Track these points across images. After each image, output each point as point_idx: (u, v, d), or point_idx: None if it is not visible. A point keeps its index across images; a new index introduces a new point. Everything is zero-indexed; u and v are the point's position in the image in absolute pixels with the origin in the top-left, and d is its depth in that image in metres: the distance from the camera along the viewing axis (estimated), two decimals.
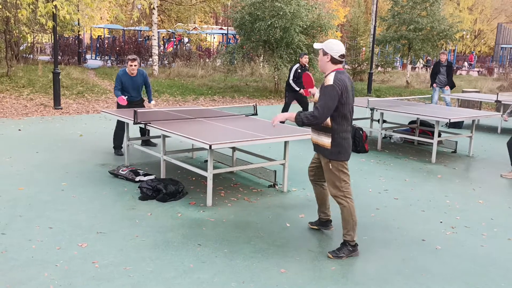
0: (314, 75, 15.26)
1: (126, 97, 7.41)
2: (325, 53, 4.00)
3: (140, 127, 7.61)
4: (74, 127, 9.66)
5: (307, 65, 10.81)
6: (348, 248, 4.11)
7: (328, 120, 4.01)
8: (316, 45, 4.12)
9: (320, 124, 4.03)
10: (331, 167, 4.09)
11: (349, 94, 4.00)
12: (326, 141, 4.06)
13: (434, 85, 12.41)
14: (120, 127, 7.52)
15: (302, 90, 10.43)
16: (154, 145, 8.09)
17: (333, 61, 4.00)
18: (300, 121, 3.99)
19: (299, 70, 10.55)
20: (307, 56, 10.69)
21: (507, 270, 4.00)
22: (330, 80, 3.93)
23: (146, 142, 8.08)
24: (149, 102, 7.88)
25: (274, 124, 4.25)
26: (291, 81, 10.49)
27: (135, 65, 7.38)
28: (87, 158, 7.22)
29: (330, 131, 4.04)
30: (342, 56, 4.01)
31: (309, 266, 3.91)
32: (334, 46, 3.99)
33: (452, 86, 12.40)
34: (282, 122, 4.39)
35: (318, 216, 4.69)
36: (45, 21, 10.19)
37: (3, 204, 5.07)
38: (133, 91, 7.57)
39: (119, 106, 7.49)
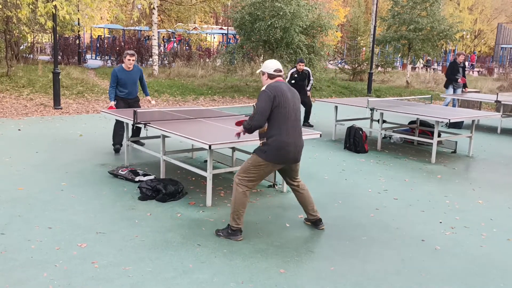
0: (314, 74, 15.27)
1: (123, 94, 7.55)
2: (263, 73, 4.43)
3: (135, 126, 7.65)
4: (74, 127, 9.66)
5: (306, 69, 10.96)
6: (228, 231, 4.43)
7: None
8: (258, 71, 4.64)
9: (257, 128, 4.31)
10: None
11: (282, 99, 4.26)
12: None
13: (461, 79, 12.30)
14: (119, 126, 7.54)
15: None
16: (142, 144, 7.90)
17: (270, 76, 4.38)
18: (247, 126, 4.32)
19: (296, 75, 10.83)
20: (302, 64, 10.82)
21: (507, 270, 4.00)
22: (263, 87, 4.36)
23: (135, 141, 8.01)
24: (146, 95, 8.05)
25: (235, 135, 4.63)
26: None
27: (132, 60, 7.52)
28: (86, 158, 7.22)
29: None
30: (277, 70, 4.38)
31: (308, 267, 3.91)
32: (269, 64, 4.42)
33: (465, 86, 12.63)
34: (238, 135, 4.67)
35: (307, 217, 4.80)
36: (44, 21, 10.18)
37: (2, 204, 5.07)
38: (130, 86, 7.62)
39: (116, 105, 7.56)
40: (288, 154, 4.30)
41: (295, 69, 10.90)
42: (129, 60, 7.51)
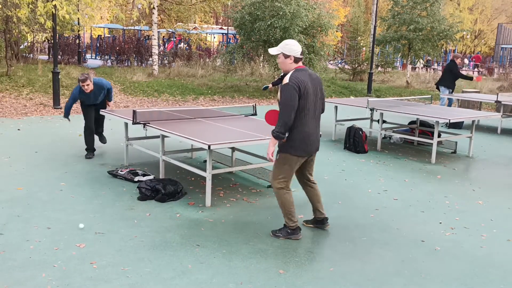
0: None
1: (87, 103, 7.26)
2: (286, 56, 4.18)
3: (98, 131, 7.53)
4: (74, 127, 9.64)
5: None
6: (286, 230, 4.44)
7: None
8: (273, 51, 4.24)
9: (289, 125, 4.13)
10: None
11: (305, 90, 4.12)
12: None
13: (476, 78, 12.28)
14: (89, 131, 7.28)
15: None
16: (104, 142, 7.76)
17: (296, 60, 4.21)
18: (280, 135, 4.12)
19: None
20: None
21: (507, 271, 3.99)
22: (286, 79, 4.13)
23: (100, 138, 7.75)
24: (109, 100, 7.54)
25: (273, 159, 4.33)
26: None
27: (87, 85, 6.94)
28: (86, 158, 7.21)
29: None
30: (301, 53, 4.25)
31: (308, 267, 3.90)
32: (293, 45, 4.19)
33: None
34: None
35: (314, 215, 4.74)
36: (44, 20, 10.17)
37: (1, 204, 5.06)
38: (93, 101, 7.26)
39: (83, 108, 7.31)
40: (313, 144, 4.29)
41: None
42: (83, 86, 6.93)
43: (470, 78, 12.22)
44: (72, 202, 5.24)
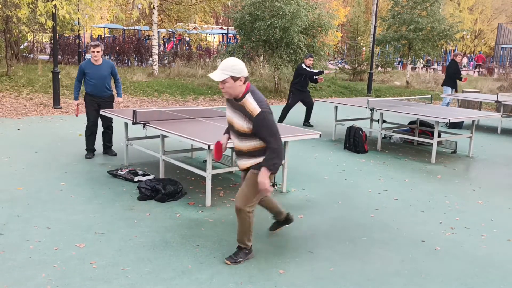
0: None
1: (90, 89, 7.02)
2: (236, 78, 3.59)
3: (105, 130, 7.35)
4: (74, 127, 9.64)
5: (311, 66, 10.93)
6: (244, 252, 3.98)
7: (258, 143, 3.73)
8: (217, 76, 3.59)
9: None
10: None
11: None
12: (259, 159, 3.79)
13: (464, 79, 12.33)
14: (89, 131, 7.21)
15: (320, 77, 10.70)
16: (114, 154, 7.45)
17: (246, 81, 3.67)
18: (275, 167, 3.66)
19: (308, 68, 10.77)
20: (312, 59, 10.85)
21: (507, 271, 3.98)
22: (253, 105, 3.61)
23: (106, 151, 7.48)
24: (118, 96, 7.41)
25: (270, 190, 3.72)
26: (312, 76, 10.63)
27: (97, 51, 6.86)
28: (86, 158, 7.20)
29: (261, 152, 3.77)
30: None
31: (308, 267, 3.89)
32: (239, 64, 3.60)
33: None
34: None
35: (279, 217, 4.50)
36: (44, 20, 10.17)
37: (1, 204, 5.05)
38: (98, 82, 6.98)
39: (86, 99, 7.14)
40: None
41: (303, 64, 10.82)
42: (93, 52, 6.85)
43: (460, 79, 12.34)
44: (72, 202, 5.24)
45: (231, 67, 3.57)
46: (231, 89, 3.62)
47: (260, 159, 3.75)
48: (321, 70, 11.37)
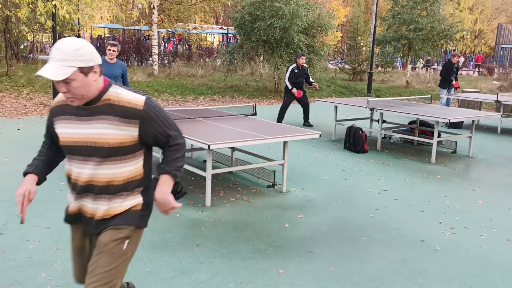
0: (314, 74, 15.25)
1: None
2: (90, 69, 2.18)
3: None
4: None
5: (305, 65, 10.90)
6: None
7: (140, 165, 2.46)
8: (55, 74, 2.07)
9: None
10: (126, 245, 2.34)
11: None
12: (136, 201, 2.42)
13: (456, 83, 12.32)
14: None
15: (294, 90, 10.62)
16: None
17: (101, 72, 2.30)
18: (178, 171, 2.45)
19: (296, 71, 10.74)
20: (304, 57, 10.81)
21: (507, 271, 3.98)
22: (129, 96, 2.32)
23: None
24: None
25: (177, 207, 2.41)
26: (287, 81, 10.65)
27: (113, 51, 7.06)
28: None
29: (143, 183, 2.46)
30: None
31: (307, 267, 3.89)
32: (92, 50, 2.20)
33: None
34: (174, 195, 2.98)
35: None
36: (44, 20, 10.17)
37: (1, 204, 5.06)
38: (109, 79, 7.27)
39: None
40: None
41: (295, 64, 10.80)
42: (109, 50, 7.04)
43: (450, 81, 12.35)
44: None
45: (75, 54, 2.12)
46: (83, 88, 2.18)
47: (139, 199, 2.42)
48: (293, 88, 10.71)
